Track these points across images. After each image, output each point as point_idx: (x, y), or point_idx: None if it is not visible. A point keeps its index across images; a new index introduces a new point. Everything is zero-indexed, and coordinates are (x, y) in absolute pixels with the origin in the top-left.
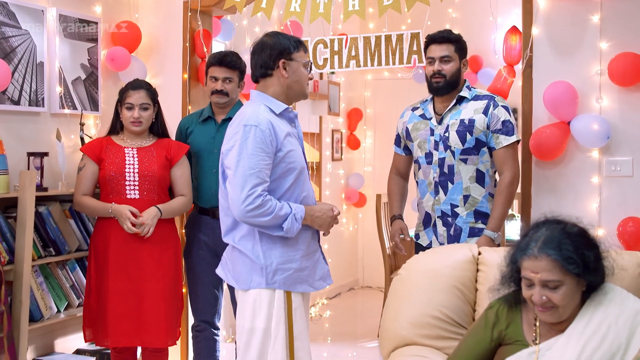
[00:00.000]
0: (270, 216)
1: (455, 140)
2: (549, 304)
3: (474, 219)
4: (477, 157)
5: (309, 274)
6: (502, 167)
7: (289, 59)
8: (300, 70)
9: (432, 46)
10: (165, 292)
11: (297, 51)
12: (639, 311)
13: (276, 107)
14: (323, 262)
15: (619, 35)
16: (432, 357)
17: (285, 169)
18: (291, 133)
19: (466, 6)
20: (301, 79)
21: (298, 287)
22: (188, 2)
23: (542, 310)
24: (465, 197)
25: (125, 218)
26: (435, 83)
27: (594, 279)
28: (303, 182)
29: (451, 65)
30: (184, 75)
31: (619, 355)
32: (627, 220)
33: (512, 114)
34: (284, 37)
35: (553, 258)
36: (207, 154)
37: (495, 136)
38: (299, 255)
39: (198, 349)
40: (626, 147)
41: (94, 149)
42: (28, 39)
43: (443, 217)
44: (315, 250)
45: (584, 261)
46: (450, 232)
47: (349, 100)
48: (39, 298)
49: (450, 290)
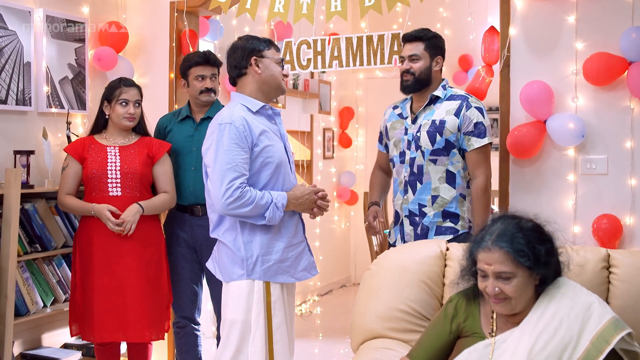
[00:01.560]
0: (250, 206)
1: (425, 141)
2: (502, 295)
3: (442, 219)
4: (446, 158)
5: (290, 264)
6: (474, 171)
7: (260, 56)
8: (273, 65)
9: (405, 45)
10: (148, 288)
11: (267, 49)
12: (591, 304)
13: (253, 105)
14: (308, 254)
15: (594, 36)
16: (399, 349)
17: (262, 164)
18: (269, 129)
19: (457, 5)
20: (274, 73)
21: (279, 277)
22: (174, 3)
23: (496, 302)
24: (433, 197)
25: (105, 219)
26: (404, 82)
27: (546, 272)
28: (283, 176)
29: (420, 64)
30: (171, 75)
31: (570, 346)
32: (602, 217)
33: (487, 114)
34: (254, 38)
35: (505, 250)
36: (185, 152)
37: (467, 138)
38: (281, 246)
39: (180, 345)
40: (601, 145)
41: (77, 148)
42: (15, 39)
43: (410, 217)
44: (300, 241)
45: (535, 254)
46: (417, 231)
47: (340, 99)
48: (25, 293)
49: (418, 285)
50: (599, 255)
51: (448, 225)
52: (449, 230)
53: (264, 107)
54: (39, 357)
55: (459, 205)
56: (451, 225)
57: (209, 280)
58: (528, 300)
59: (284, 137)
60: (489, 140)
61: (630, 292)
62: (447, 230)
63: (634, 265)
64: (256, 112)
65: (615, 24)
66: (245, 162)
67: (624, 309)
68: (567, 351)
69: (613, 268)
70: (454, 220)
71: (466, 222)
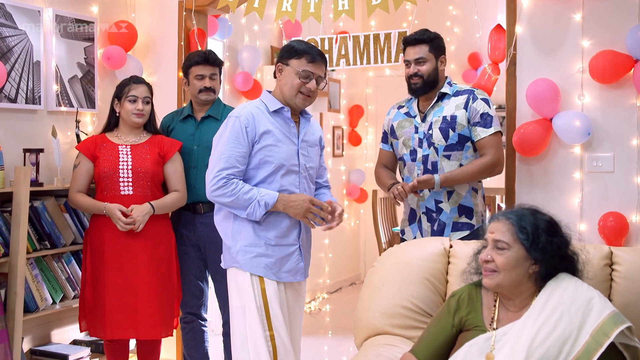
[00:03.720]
0: (231, 198)
1: (438, 137)
2: (491, 265)
3: (458, 214)
4: (460, 153)
5: (274, 262)
6: (483, 152)
7: (285, 64)
8: (291, 76)
9: (408, 49)
10: (159, 286)
11: (296, 58)
12: (591, 299)
13: (271, 105)
14: (297, 258)
15: (600, 34)
16: (402, 346)
17: (261, 161)
18: (281, 130)
19: (466, 3)
20: (290, 84)
21: (261, 271)
22: (183, 2)
23: (485, 274)
24: (449, 193)
25: (116, 219)
26: (413, 85)
27: (543, 260)
28: (281, 179)
29: (427, 66)
30: (179, 74)
31: (571, 340)
32: (608, 215)
33: (493, 105)
34: (298, 44)
35: (510, 222)
36: (187, 151)
37: (474, 129)
38: (265, 242)
39: (187, 340)
40: (607, 143)
41: (89, 146)
42: (25, 39)
43: (428, 213)
44: (291, 244)
45: (535, 237)
46: (434, 228)
47: (350, 97)
48: (34, 290)
49: (422, 282)
50: (601, 252)
51: (464, 221)
52: (465, 226)
53: (282, 109)
54: (48, 353)
55: (472, 199)
56: (467, 220)
57: (213, 277)
58: (531, 294)
59: (308, 143)
60: (495, 130)
61: (632, 289)
62: (464, 226)
63: (637, 263)
64: (273, 111)
65: (622, 22)
66: (241, 156)
67: (626, 306)
68: (568, 344)
69: (616, 265)
70: (469, 215)
71: (479, 216)
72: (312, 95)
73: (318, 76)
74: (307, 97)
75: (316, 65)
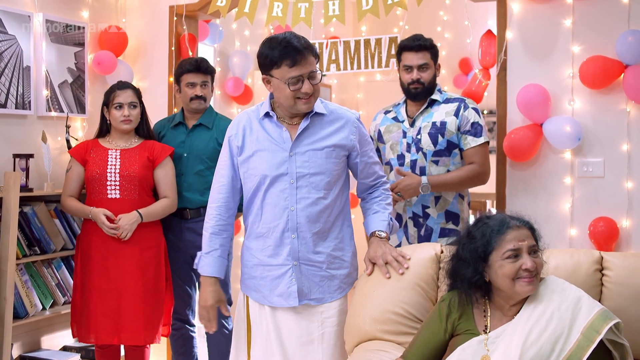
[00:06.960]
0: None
1: (427, 142)
2: (535, 271)
3: (445, 220)
4: (448, 159)
5: (263, 285)
6: (471, 161)
7: (269, 75)
8: (281, 87)
9: (408, 54)
10: (144, 292)
11: (276, 68)
12: (580, 298)
13: (262, 110)
14: (289, 282)
15: (590, 39)
16: (392, 351)
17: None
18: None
19: (457, 9)
20: (283, 96)
21: (252, 293)
22: (174, 7)
23: (528, 281)
24: (436, 198)
25: (100, 223)
26: (413, 90)
27: None
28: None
29: (429, 73)
30: (170, 79)
31: (562, 338)
32: (598, 220)
33: (482, 116)
34: (270, 50)
35: (529, 227)
36: (176, 158)
37: (464, 137)
38: (253, 263)
39: (176, 347)
40: (597, 148)
41: (80, 151)
42: (15, 43)
43: (414, 218)
44: (280, 265)
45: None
46: (421, 233)
47: (341, 102)
48: (23, 295)
49: (413, 288)
50: (592, 257)
51: (451, 227)
52: (452, 232)
53: (268, 114)
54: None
55: (459, 205)
56: (454, 227)
57: None
58: None
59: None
60: (485, 140)
61: (622, 294)
62: (451, 233)
63: (627, 268)
64: (263, 116)
65: (612, 28)
66: (227, 167)
67: (617, 311)
68: (560, 342)
69: (606, 270)
70: (456, 221)
71: (465, 222)
72: (312, 95)
73: (309, 74)
74: (307, 100)
75: (300, 65)
